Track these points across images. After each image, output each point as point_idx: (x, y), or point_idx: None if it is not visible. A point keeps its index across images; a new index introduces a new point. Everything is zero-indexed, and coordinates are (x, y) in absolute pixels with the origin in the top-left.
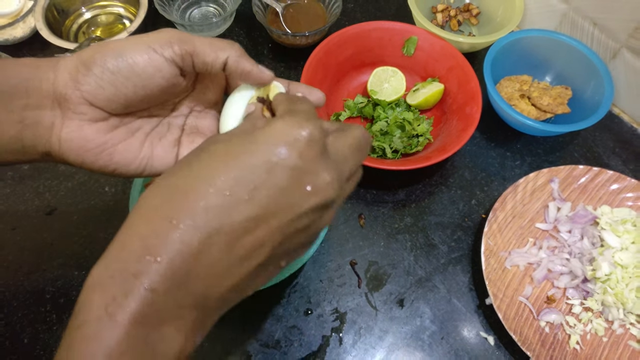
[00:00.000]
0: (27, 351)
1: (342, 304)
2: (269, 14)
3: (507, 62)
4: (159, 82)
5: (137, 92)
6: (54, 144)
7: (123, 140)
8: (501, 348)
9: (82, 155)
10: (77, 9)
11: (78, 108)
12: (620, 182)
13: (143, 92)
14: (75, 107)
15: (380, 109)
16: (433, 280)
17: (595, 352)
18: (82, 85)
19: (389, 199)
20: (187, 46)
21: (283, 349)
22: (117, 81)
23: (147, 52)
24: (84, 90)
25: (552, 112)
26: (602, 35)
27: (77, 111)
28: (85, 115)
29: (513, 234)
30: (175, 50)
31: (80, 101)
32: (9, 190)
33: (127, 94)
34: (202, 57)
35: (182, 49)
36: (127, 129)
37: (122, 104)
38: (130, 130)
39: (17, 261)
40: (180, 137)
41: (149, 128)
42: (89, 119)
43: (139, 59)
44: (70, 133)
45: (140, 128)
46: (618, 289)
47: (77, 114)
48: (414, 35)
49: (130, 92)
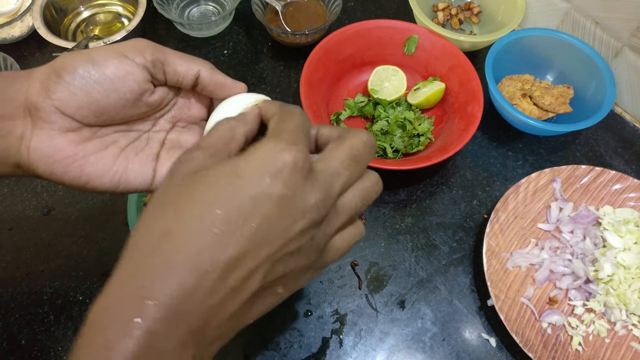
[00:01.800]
0: (24, 353)
1: (342, 306)
2: (268, 12)
3: (508, 61)
4: (131, 86)
5: (109, 96)
6: (23, 154)
7: (95, 152)
8: (503, 350)
9: (50, 165)
10: (75, 8)
11: (49, 117)
12: (622, 182)
13: (115, 97)
14: (46, 115)
15: (380, 108)
16: (434, 281)
17: (598, 353)
18: (52, 93)
19: (390, 199)
20: (159, 54)
21: (282, 351)
22: (88, 85)
23: (118, 58)
24: (55, 98)
25: (554, 112)
26: (604, 34)
27: (47, 120)
28: (55, 125)
29: (515, 235)
30: (146, 57)
31: (51, 110)
32: (6, 190)
33: (99, 99)
34: (174, 67)
35: (153, 56)
36: (100, 141)
37: (94, 111)
38: (104, 143)
39: (14, 262)
40: (159, 151)
41: (125, 142)
42: (60, 129)
43: (110, 63)
44: (40, 143)
45: (115, 142)
46: (620, 290)
47: (48, 123)
48: (415, 33)
49: (101, 96)
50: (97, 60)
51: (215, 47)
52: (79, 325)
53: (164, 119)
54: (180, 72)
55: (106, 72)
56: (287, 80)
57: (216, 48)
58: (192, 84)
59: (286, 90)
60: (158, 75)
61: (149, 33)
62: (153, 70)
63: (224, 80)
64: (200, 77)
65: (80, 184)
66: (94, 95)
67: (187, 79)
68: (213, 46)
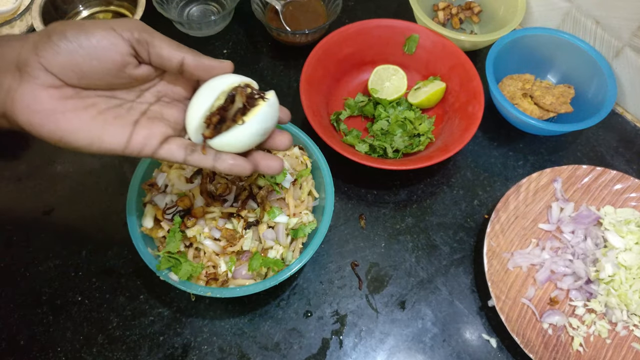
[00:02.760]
0: (23, 353)
1: (342, 306)
2: (268, 12)
3: (509, 60)
4: (113, 57)
5: (91, 62)
6: (8, 104)
7: (73, 110)
8: (504, 350)
9: (29, 116)
10: (74, 7)
11: (34, 72)
12: (623, 182)
13: (97, 64)
14: (31, 70)
15: (381, 108)
16: (435, 281)
17: (599, 354)
18: (40, 50)
19: (390, 199)
20: (146, 35)
21: (282, 352)
22: (72, 49)
23: (106, 30)
24: (41, 55)
25: (554, 111)
26: (605, 33)
27: (32, 75)
28: (38, 80)
29: (516, 235)
30: (133, 34)
31: (37, 66)
32: (6, 190)
33: (81, 62)
34: (158, 50)
35: (140, 36)
36: (81, 102)
37: (77, 72)
38: (84, 104)
39: (14, 262)
40: (139, 119)
41: (106, 106)
42: (43, 84)
43: (98, 32)
44: (23, 94)
45: (95, 104)
46: (622, 290)
47: (33, 77)
48: (415, 33)
49: (84, 60)
50: (86, 28)
51: (215, 47)
52: (78, 326)
53: (149, 92)
54: (164, 56)
55: (91, 40)
56: (287, 79)
57: (216, 47)
58: (177, 70)
59: (286, 90)
60: (142, 53)
61: None
62: (137, 47)
63: (209, 63)
64: (184, 64)
65: (56, 138)
66: (77, 59)
67: (171, 64)
68: (213, 45)
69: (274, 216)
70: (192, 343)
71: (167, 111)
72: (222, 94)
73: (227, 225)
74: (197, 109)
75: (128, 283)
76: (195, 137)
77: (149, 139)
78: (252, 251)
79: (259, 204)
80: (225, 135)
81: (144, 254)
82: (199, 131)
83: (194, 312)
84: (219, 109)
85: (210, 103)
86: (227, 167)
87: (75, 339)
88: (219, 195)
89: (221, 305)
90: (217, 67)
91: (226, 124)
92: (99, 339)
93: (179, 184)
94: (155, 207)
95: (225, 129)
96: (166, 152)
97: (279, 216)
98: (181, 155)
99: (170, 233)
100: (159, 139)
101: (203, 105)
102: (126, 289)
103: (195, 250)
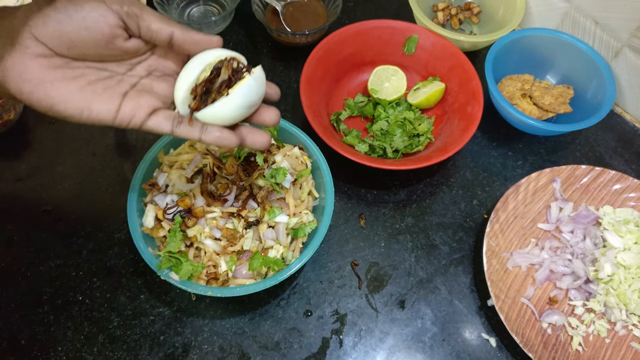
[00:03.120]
0: (24, 352)
1: (342, 306)
2: (268, 12)
3: (508, 61)
4: (102, 28)
5: (80, 32)
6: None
7: (62, 79)
8: (503, 350)
9: (19, 84)
10: None
11: (24, 41)
12: (622, 182)
13: (86, 34)
14: (22, 40)
15: (380, 108)
16: (434, 281)
17: (598, 353)
18: (30, 19)
19: (390, 199)
20: (135, 9)
21: (282, 351)
22: (62, 19)
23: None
24: (31, 24)
25: (553, 112)
26: (604, 34)
27: (23, 44)
28: (29, 49)
29: (515, 235)
30: (123, 7)
31: (27, 35)
32: (6, 190)
33: (70, 32)
34: (148, 23)
35: (130, 9)
36: (71, 72)
37: (66, 42)
38: (74, 74)
39: (14, 262)
40: (128, 91)
41: (95, 77)
42: (33, 53)
43: (87, 4)
44: (13, 63)
45: (85, 75)
46: (621, 290)
47: (23, 46)
48: (415, 33)
49: (72, 30)
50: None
51: None
52: (78, 325)
53: (140, 65)
54: (154, 29)
55: (80, 11)
56: (287, 80)
57: None
58: (167, 43)
59: (286, 90)
60: (131, 26)
61: None
62: (127, 20)
63: (198, 37)
64: (174, 37)
65: (46, 106)
66: (66, 28)
67: (161, 37)
68: None
69: (274, 216)
70: (192, 342)
71: (157, 85)
72: (208, 66)
73: (227, 225)
74: (184, 81)
75: (129, 282)
76: (182, 109)
77: (137, 109)
78: (253, 251)
79: (259, 203)
80: (211, 108)
81: (144, 253)
82: (186, 102)
83: (194, 312)
84: (205, 81)
85: (196, 75)
86: (214, 138)
87: (76, 339)
88: (219, 195)
89: (222, 304)
90: (205, 41)
91: (212, 95)
92: (99, 338)
93: (180, 184)
94: (156, 206)
95: (211, 101)
96: (154, 123)
97: (279, 216)
98: (168, 127)
99: (171, 233)
100: (147, 111)
101: (189, 77)
102: (127, 288)
103: (195, 249)
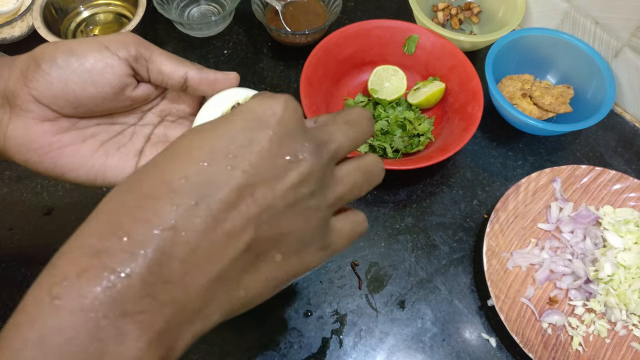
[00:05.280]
0: None
1: (342, 306)
2: (268, 12)
3: (508, 61)
4: (110, 80)
5: (87, 88)
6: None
7: (71, 144)
8: (503, 350)
9: (25, 154)
10: (75, 8)
11: (25, 105)
12: (622, 182)
13: (93, 89)
14: (22, 104)
15: (381, 108)
16: (434, 281)
17: (598, 353)
18: (30, 81)
19: (390, 199)
20: (143, 50)
21: (282, 351)
22: (65, 76)
23: (99, 50)
24: (32, 86)
25: (554, 112)
26: (604, 34)
27: (24, 108)
28: (31, 113)
29: (515, 235)
30: (130, 51)
31: (27, 98)
32: (6, 190)
33: (76, 90)
34: (159, 66)
35: (137, 51)
36: (78, 133)
37: (72, 102)
38: (82, 135)
39: (14, 262)
40: (143, 147)
41: (107, 136)
42: (36, 118)
43: (90, 54)
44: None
45: (95, 135)
46: (621, 290)
47: (25, 111)
48: (415, 33)
49: (79, 88)
50: (77, 50)
51: (215, 47)
52: None
53: (152, 112)
54: (166, 73)
55: (85, 64)
56: (287, 80)
57: (216, 48)
58: (180, 87)
59: (286, 90)
60: (141, 71)
61: (149, 33)
62: (135, 66)
63: (214, 77)
64: (188, 79)
65: (55, 175)
66: (71, 86)
67: (173, 81)
68: (213, 46)
69: None
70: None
71: (173, 132)
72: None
73: None
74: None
75: None
76: None
77: None
78: None
79: None
80: None
81: None
82: None
83: None
84: None
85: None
86: None
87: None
88: None
89: None
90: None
91: None
92: None
93: None
94: None
95: None
96: None
97: None
98: None
99: None
100: None
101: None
102: None
103: None
